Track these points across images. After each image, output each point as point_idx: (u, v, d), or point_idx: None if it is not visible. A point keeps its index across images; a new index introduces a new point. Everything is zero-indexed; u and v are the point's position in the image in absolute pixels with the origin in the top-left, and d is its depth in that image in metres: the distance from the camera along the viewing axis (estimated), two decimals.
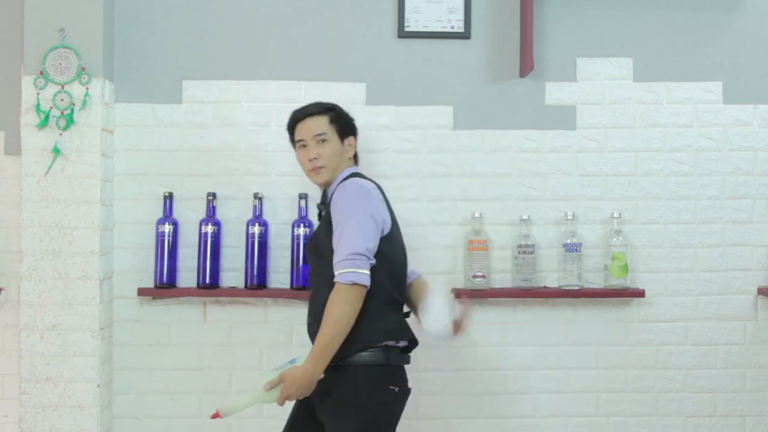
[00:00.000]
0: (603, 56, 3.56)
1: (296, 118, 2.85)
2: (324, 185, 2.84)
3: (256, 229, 3.42)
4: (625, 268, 3.43)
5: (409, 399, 2.73)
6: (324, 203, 2.86)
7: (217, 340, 3.47)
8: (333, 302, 2.57)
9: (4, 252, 3.43)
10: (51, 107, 3.31)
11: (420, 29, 3.54)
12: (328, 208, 2.72)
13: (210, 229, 3.43)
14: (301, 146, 2.83)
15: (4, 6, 3.44)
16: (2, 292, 3.40)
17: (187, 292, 3.42)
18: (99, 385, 3.31)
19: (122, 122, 3.49)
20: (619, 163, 3.55)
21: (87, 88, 3.31)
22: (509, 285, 3.48)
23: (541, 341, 3.51)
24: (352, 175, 2.79)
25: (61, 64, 3.32)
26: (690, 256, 3.54)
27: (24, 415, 3.29)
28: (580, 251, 3.43)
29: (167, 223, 3.43)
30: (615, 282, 3.43)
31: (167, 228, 3.42)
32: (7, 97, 3.42)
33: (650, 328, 3.52)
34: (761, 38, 3.58)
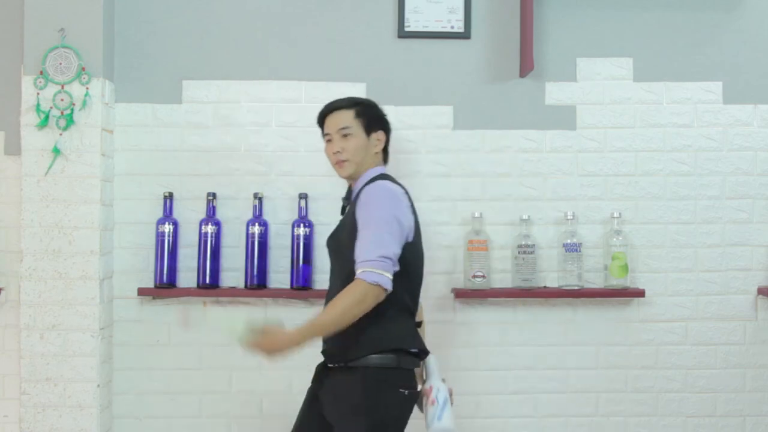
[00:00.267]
0: (603, 56, 3.56)
1: (324, 112, 2.87)
2: (349, 179, 2.83)
3: (256, 229, 3.42)
4: (625, 268, 3.42)
5: None
6: (348, 199, 2.84)
7: (217, 340, 3.47)
8: (349, 293, 2.54)
9: (4, 252, 3.43)
10: (51, 107, 3.31)
11: (420, 29, 3.53)
12: (354, 206, 2.71)
13: (210, 229, 3.43)
14: (328, 140, 2.84)
15: (4, 6, 3.44)
16: (2, 292, 3.40)
17: (187, 292, 3.42)
18: (99, 385, 3.30)
19: (122, 122, 3.49)
20: (619, 163, 3.55)
21: (87, 88, 3.31)
22: (509, 285, 3.48)
23: (541, 341, 3.50)
24: (381, 177, 2.77)
25: (61, 64, 3.32)
26: (690, 256, 3.54)
27: (24, 415, 3.29)
28: (580, 251, 3.43)
29: (167, 223, 3.43)
30: (615, 282, 3.43)
31: (167, 228, 3.42)
32: (7, 97, 3.42)
33: (650, 328, 3.52)
34: (761, 38, 3.58)
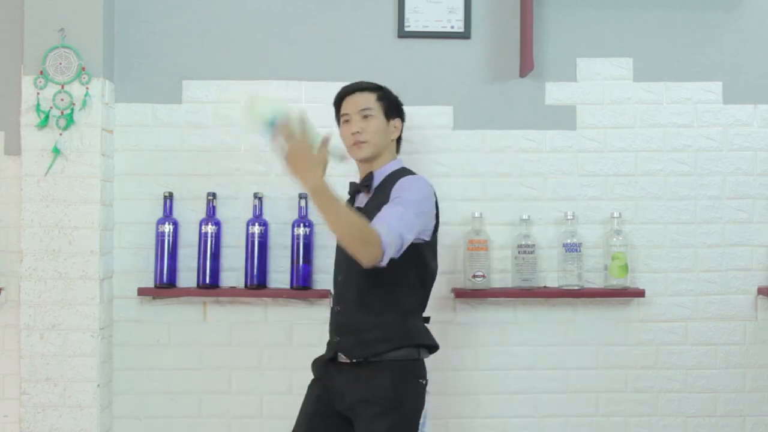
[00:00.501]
0: (603, 56, 3.56)
1: (343, 93, 2.85)
2: (364, 161, 2.80)
3: (256, 229, 3.41)
4: (625, 268, 3.42)
5: None
6: (364, 185, 2.79)
7: (217, 340, 3.47)
8: (367, 229, 2.43)
9: (4, 252, 3.43)
10: (51, 107, 3.31)
11: (420, 29, 3.53)
12: (385, 192, 2.66)
13: (210, 229, 3.42)
14: (345, 121, 2.81)
15: (4, 6, 3.44)
16: (2, 292, 3.40)
17: (187, 292, 3.42)
18: (99, 385, 3.30)
19: (122, 122, 3.49)
20: (619, 163, 3.54)
21: (87, 88, 3.31)
22: (509, 285, 3.48)
23: (541, 341, 3.50)
24: (411, 172, 2.78)
25: (61, 64, 3.32)
26: (690, 256, 3.54)
27: (24, 415, 3.29)
28: (580, 251, 3.43)
29: (167, 223, 3.43)
30: (615, 282, 3.43)
31: (167, 228, 3.42)
32: (7, 97, 3.42)
33: (650, 328, 3.52)
34: (761, 38, 3.58)
